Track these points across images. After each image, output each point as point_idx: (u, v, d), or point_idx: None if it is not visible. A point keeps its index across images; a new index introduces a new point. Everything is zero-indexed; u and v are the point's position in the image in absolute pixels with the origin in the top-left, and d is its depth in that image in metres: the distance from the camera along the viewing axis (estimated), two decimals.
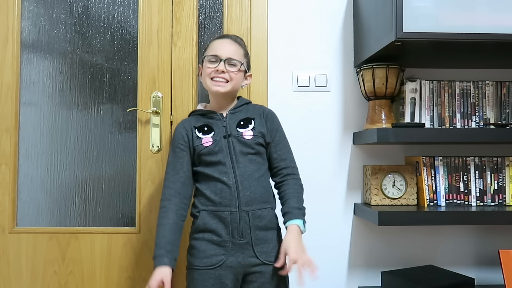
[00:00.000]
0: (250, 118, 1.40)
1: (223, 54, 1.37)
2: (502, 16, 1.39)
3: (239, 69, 1.39)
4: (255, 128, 1.38)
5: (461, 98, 1.67)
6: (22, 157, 1.75)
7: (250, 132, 1.37)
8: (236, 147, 1.34)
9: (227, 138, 1.35)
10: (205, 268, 1.30)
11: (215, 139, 1.35)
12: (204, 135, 1.37)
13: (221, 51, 1.37)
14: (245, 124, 1.38)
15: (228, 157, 1.34)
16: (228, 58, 1.37)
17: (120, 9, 1.78)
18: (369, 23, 1.60)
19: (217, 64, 1.36)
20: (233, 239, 1.30)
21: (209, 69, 1.37)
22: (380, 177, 1.65)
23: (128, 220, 1.75)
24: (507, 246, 1.77)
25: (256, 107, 1.45)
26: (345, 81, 1.78)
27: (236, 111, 1.42)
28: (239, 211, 1.30)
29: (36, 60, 1.77)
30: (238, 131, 1.37)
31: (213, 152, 1.34)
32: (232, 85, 1.38)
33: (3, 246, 1.72)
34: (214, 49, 1.39)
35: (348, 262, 1.75)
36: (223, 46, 1.39)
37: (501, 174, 1.64)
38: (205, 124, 1.40)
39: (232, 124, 1.38)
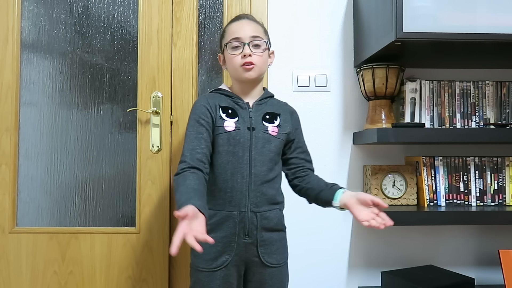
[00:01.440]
0: (275, 113, 1.34)
1: (245, 36, 1.28)
2: (502, 16, 1.39)
3: (264, 48, 1.31)
4: (280, 125, 1.33)
5: (461, 98, 1.67)
6: (22, 157, 1.75)
7: (276, 128, 1.31)
8: (259, 143, 1.27)
9: (250, 130, 1.28)
10: (210, 270, 1.26)
11: (237, 127, 1.27)
12: (228, 118, 1.28)
13: (242, 33, 1.28)
14: (271, 119, 1.32)
15: (248, 152, 1.26)
16: (251, 38, 1.28)
17: (120, 9, 1.78)
18: (369, 23, 1.60)
19: (242, 49, 1.28)
20: (239, 239, 1.26)
21: (235, 57, 1.28)
22: (380, 177, 1.65)
23: (128, 220, 1.75)
24: (507, 246, 1.77)
25: (281, 103, 1.40)
26: (345, 81, 1.78)
27: (261, 102, 1.34)
28: (248, 211, 1.26)
29: (36, 60, 1.77)
30: (263, 125, 1.30)
31: (232, 141, 1.26)
32: (259, 67, 1.30)
33: (3, 246, 1.72)
34: (233, 32, 1.30)
35: (348, 262, 1.75)
36: (242, 27, 1.30)
37: (501, 174, 1.64)
38: (230, 107, 1.30)
39: (258, 117, 1.31)
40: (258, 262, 1.28)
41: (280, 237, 1.33)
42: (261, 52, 1.30)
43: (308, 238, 1.75)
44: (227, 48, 1.31)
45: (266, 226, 1.28)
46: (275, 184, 1.31)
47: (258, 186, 1.27)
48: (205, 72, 1.79)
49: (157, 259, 1.72)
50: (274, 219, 1.30)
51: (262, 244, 1.28)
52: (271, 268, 1.29)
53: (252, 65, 1.28)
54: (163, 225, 1.72)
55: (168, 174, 1.72)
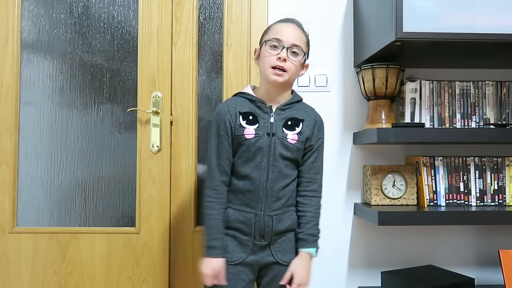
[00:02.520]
0: (299, 119, 1.33)
1: (286, 40, 1.27)
2: (502, 16, 1.39)
3: (301, 58, 1.30)
4: (301, 133, 1.31)
5: (461, 98, 1.67)
6: (22, 157, 1.75)
7: (296, 136, 1.30)
8: (277, 149, 1.28)
9: (270, 136, 1.28)
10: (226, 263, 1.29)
11: (257, 134, 1.28)
12: (248, 125, 1.29)
13: (285, 36, 1.27)
14: (292, 126, 1.31)
15: (266, 158, 1.28)
16: (292, 44, 1.27)
17: (120, 9, 1.78)
18: (369, 23, 1.60)
19: (279, 51, 1.26)
20: (255, 240, 1.30)
21: (270, 56, 1.27)
22: (380, 177, 1.65)
23: (128, 220, 1.75)
24: (507, 246, 1.77)
25: (308, 109, 1.38)
26: (345, 81, 1.78)
27: (286, 107, 1.33)
28: (264, 215, 1.29)
29: (36, 60, 1.77)
30: (283, 132, 1.30)
31: (252, 148, 1.28)
32: (289, 75, 1.29)
33: (3, 246, 1.72)
34: (277, 32, 1.29)
35: (348, 262, 1.75)
36: (287, 31, 1.28)
37: (501, 174, 1.64)
38: (251, 112, 1.30)
39: (279, 122, 1.30)
40: (273, 261, 1.31)
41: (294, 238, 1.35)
42: (297, 61, 1.29)
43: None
44: (266, 44, 1.30)
45: (281, 228, 1.31)
46: (291, 187, 1.33)
47: (275, 191, 1.29)
48: (205, 72, 1.79)
49: (157, 259, 1.72)
50: (289, 221, 1.32)
51: (276, 245, 1.31)
52: (285, 267, 1.31)
53: (283, 71, 1.28)
54: (163, 225, 1.72)
55: (168, 174, 1.72)
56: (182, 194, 1.73)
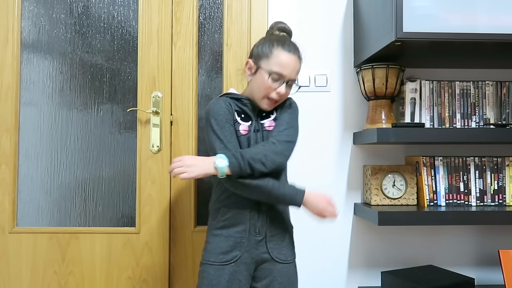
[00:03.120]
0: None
1: (288, 75, 1.30)
2: (502, 16, 1.39)
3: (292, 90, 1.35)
4: (276, 118, 1.35)
5: (461, 98, 1.67)
6: (22, 157, 1.75)
7: (272, 122, 1.34)
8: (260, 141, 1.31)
9: (256, 133, 1.32)
10: (220, 264, 1.28)
11: (250, 130, 1.32)
12: (243, 122, 1.32)
13: (288, 71, 1.29)
14: (267, 114, 1.35)
15: None
16: (291, 80, 1.32)
17: (120, 9, 1.78)
18: (369, 23, 1.60)
19: (279, 85, 1.29)
20: (250, 236, 1.30)
21: (270, 88, 1.30)
22: (380, 177, 1.65)
23: (128, 220, 1.75)
24: (507, 246, 1.77)
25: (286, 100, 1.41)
26: (345, 81, 1.78)
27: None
28: (259, 210, 1.30)
29: (36, 60, 1.77)
30: (260, 123, 1.34)
31: (246, 143, 1.30)
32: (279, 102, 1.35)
33: (3, 246, 1.72)
34: (281, 65, 1.29)
35: (348, 262, 1.75)
36: (290, 65, 1.30)
37: (501, 174, 1.64)
38: (243, 111, 1.34)
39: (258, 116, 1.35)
40: (267, 258, 1.31)
41: (289, 234, 1.37)
42: (290, 92, 1.35)
43: (308, 238, 1.75)
44: (268, 75, 1.29)
45: (276, 223, 1.32)
46: (281, 179, 1.33)
47: None
48: (205, 72, 1.79)
49: (157, 259, 1.72)
50: (283, 215, 1.35)
51: (271, 240, 1.32)
52: (281, 265, 1.32)
53: (277, 102, 1.33)
54: (163, 225, 1.72)
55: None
56: (182, 194, 1.73)
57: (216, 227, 1.32)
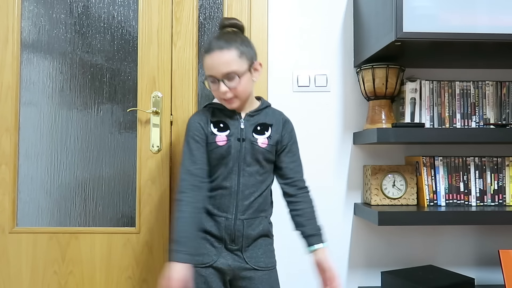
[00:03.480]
0: (267, 124, 1.34)
1: (217, 73, 1.26)
2: (502, 16, 1.39)
3: (240, 75, 1.26)
4: (271, 136, 1.33)
5: (461, 98, 1.67)
6: (22, 157, 1.75)
7: (265, 140, 1.32)
8: (248, 154, 1.30)
9: (240, 141, 1.30)
10: (196, 266, 1.27)
11: (229, 139, 1.30)
12: (219, 132, 1.31)
13: (214, 70, 1.26)
14: (262, 131, 1.33)
15: (237, 163, 1.29)
16: (224, 74, 1.25)
17: (120, 9, 1.78)
18: (369, 23, 1.60)
19: (218, 86, 1.27)
20: (225, 244, 1.30)
21: (215, 92, 1.30)
22: (380, 177, 1.65)
23: (128, 220, 1.75)
24: (507, 246, 1.77)
25: (276, 113, 1.39)
26: (345, 81, 1.78)
27: (255, 114, 1.34)
28: (235, 218, 1.29)
29: (36, 60, 1.77)
30: (253, 137, 1.31)
31: (224, 153, 1.29)
32: (240, 97, 1.29)
33: (3, 246, 1.72)
34: (207, 68, 1.29)
35: (348, 262, 1.75)
36: (212, 63, 1.26)
37: (501, 174, 1.64)
38: (222, 120, 1.33)
39: (249, 128, 1.32)
40: (245, 266, 1.30)
41: (266, 242, 1.35)
42: (237, 82, 1.26)
43: None
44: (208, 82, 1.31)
45: (252, 233, 1.31)
46: (263, 192, 1.33)
47: (246, 195, 1.30)
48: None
49: (157, 259, 1.72)
50: (260, 226, 1.32)
51: (247, 250, 1.30)
52: (261, 271, 1.30)
53: (232, 98, 1.28)
54: (163, 225, 1.72)
55: (168, 174, 1.72)
56: None
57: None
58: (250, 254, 1.30)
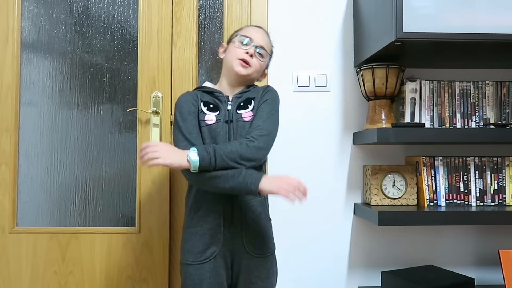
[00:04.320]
0: (250, 98, 1.35)
1: (256, 40, 1.36)
2: (502, 16, 1.39)
3: (266, 61, 1.39)
4: (254, 107, 1.33)
5: (461, 98, 1.67)
6: (22, 157, 1.75)
7: (250, 113, 1.32)
8: (237, 132, 1.29)
9: (228, 123, 1.31)
10: (200, 262, 1.28)
11: (218, 120, 1.30)
12: (209, 112, 1.32)
13: (255, 36, 1.36)
14: (245, 105, 1.34)
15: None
16: (261, 45, 1.36)
17: (120, 9, 1.78)
18: (369, 23, 1.60)
19: (249, 47, 1.34)
20: (225, 229, 1.29)
21: (239, 49, 1.34)
22: (380, 177, 1.65)
23: (128, 220, 1.75)
24: (507, 246, 1.77)
25: (259, 87, 1.39)
26: (345, 81, 1.78)
27: (241, 94, 1.36)
28: (232, 202, 1.29)
29: (36, 60, 1.77)
30: (237, 113, 1.32)
31: (213, 133, 1.29)
32: (252, 70, 1.35)
33: (3, 246, 1.72)
34: (248, 31, 1.38)
35: (348, 262, 1.75)
36: (257, 33, 1.38)
37: (501, 174, 1.64)
38: (212, 102, 1.34)
39: (234, 107, 1.33)
40: (243, 251, 1.30)
41: (266, 227, 1.35)
42: (262, 62, 1.37)
43: (308, 238, 1.75)
44: (235, 40, 1.37)
45: (251, 216, 1.31)
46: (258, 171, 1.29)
47: None
48: (205, 72, 1.79)
49: (157, 259, 1.72)
50: (259, 208, 1.33)
51: (246, 234, 1.30)
52: (257, 258, 1.31)
53: (248, 65, 1.34)
54: (163, 225, 1.72)
55: (168, 174, 1.72)
56: (182, 194, 1.73)
57: (191, 225, 1.32)
58: (249, 239, 1.30)
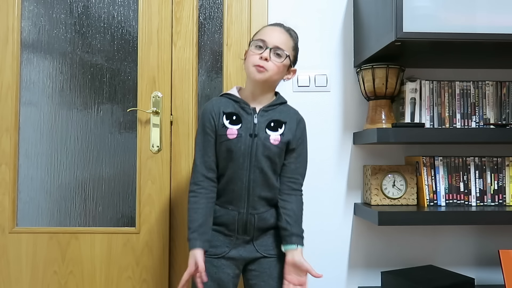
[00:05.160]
0: (282, 121, 1.33)
1: (270, 41, 1.29)
2: (502, 16, 1.39)
3: (283, 61, 1.31)
4: (283, 134, 1.32)
5: (461, 98, 1.67)
6: (22, 157, 1.75)
7: (278, 137, 1.31)
8: (259, 150, 1.29)
9: (252, 137, 1.30)
10: (209, 256, 1.31)
11: (240, 134, 1.29)
12: (231, 125, 1.30)
13: (269, 38, 1.30)
14: (275, 127, 1.32)
15: (248, 158, 1.29)
16: (275, 46, 1.29)
17: (120, 9, 1.78)
18: (369, 23, 1.60)
19: (263, 51, 1.29)
20: (238, 235, 1.32)
21: (254, 55, 1.30)
22: (380, 177, 1.65)
23: (128, 220, 1.75)
24: (507, 246, 1.77)
25: (291, 111, 1.38)
26: (345, 81, 1.78)
27: (269, 109, 1.34)
28: (247, 213, 1.31)
29: (36, 60, 1.77)
30: (266, 133, 1.30)
31: (234, 148, 1.29)
32: (270, 74, 1.30)
33: (3, 246, 1.72)
34: (263, 34, 1.33)
35: (348, 262, 1.75)
36: (273, 33, 1.32)
37: (501, 174, 1.64)
38: (235, 113, 1.32)
39: (262, 123, 1.31)
40: (256, 254, 1.34)
41: (277, 232, 1.36)
42: (279, 62, 1.30)
43: (308, 238, 1.74)
44: (251, 46, 1.33)
45: (263, 226, 1.34)
46: (273, 187, 1.34)
47: (257, 191, 1.31)
48: (205, 72, 1.79)
49: (157, 259, 1.72)
50: (271, 219, 1.35)
51: (259, 242, 1.34)
52: (270, 258, 1.34)
53: (264, 69, 1.29)
54: (163, 225, 1.72)
55: (168, 174, 1.72)
56: (182, 194, 1.73)
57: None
58: (260, 242, 1.34)
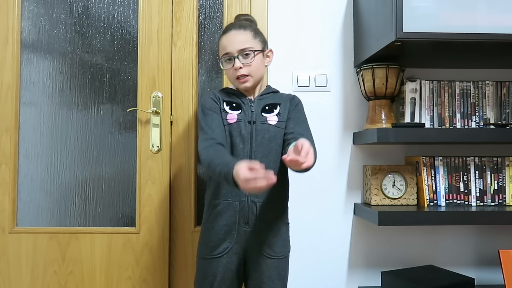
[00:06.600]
0: (276, 103, 1.39)
1: (233, 49, 1.34)
2: (502, 16, 1.39)
3: (255, 56, 1.34)
4: (280, 113, 1.36)
5: (461, 98, 1.67)
6: (22, 157, 1.75)
7: (275, 117, 1.35)
8: (259, 135, 1.32)
9: (251, 124, 1.33)
10: (214, 257, 1.31)
11: (239, 119, 1.33)
12: (231, 110, 1.35)
13: (230, 47, 1.34)
14: (270, 109, 1.37)
15: (248, 144, 1.32)
16: (239, 50, 1.33)
17: (120, 9, 1.78)
18: (369, 23, 1.60)
19: (233, 62, 1.34)
20: (239, 227, 1.31)
21: (229, 70, 1.36)
22: (380, 177, 1.65)
23: (128, 220, 1.75)
24: (507, 246, 1.77)
25: (284, 95, 1.44)
26: (345, 81, 1.78)
27: (263, 97, 1.40)
28: (248, 200, 1.31)
29: (36, 60, 1.77)
30: (262, 116, 1.35)
31: (234, 132, 1.31)
32: (253, 76, 1.35)
33: (3, 246, 1.72)
34: (223, 47, 1.37)
35: (348, 262, 1.75)
36: (229, 41, 1.35)
37: (501, 174, 1.64)
38: (234, 101, 1.37)
39: (258, 109, 1.36)
40: (256, 251, 1.32)
41: (281, 230, 1.36)
42: (252, 61, 1.34)
43: (308, 238, 1.75)
44: (221, 63, 1.39)
45: (266, 217, 1.32)
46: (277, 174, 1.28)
47: None
48: (205, 72, 1.79)
49: (157, 259, 1.72)
50: (274, 209, 1.34)
51: (261, 233, 1.32)
52: (270, 260, 1.32)
53: (246, 76, 1.35)
54: (163, 225, 1.72)
55: (168, 174, 1.72)
56: (182, 194, 1.73)
57: (208, 220, 1.35)
58: (263, 239, 1.32)
